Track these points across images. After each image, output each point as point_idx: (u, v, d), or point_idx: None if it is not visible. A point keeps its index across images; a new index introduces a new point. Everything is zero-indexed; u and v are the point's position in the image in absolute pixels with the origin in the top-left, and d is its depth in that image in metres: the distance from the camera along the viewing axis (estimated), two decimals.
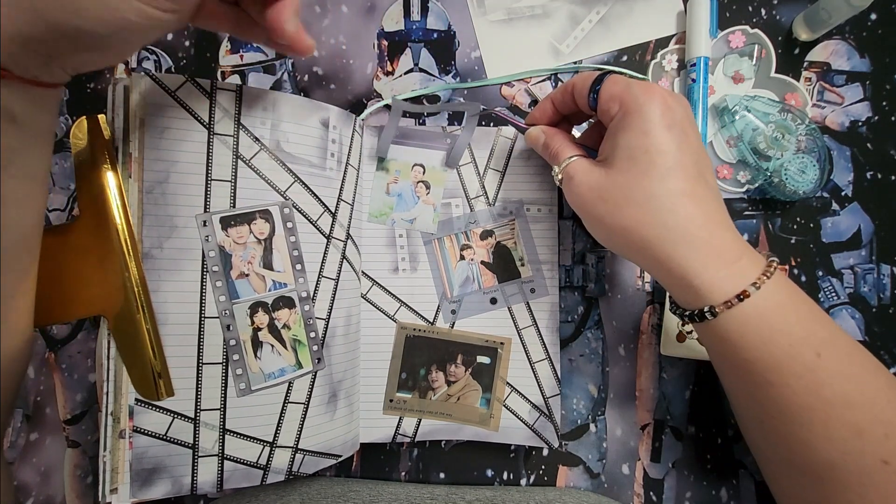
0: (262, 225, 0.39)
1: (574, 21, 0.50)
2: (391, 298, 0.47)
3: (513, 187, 0.47)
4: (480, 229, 0.47)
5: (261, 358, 0.39)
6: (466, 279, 0.47)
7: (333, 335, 0.42)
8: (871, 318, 0.49)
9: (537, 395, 0.46)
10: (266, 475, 0.38)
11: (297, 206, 0.40)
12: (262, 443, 0.38)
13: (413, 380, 0.46)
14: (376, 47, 0.51)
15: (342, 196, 0.43)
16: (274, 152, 0.40)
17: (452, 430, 0.46)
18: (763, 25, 0.50)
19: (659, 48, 0.50)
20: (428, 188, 0.47)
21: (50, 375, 0.49)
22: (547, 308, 0.47)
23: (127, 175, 0.37)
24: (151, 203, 0.37)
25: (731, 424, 0.48)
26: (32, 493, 0.48)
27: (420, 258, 0.47)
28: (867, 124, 0.49)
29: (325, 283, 0.42)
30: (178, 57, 0.51)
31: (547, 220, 0.47)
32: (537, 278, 0.47)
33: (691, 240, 0.33)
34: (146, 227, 0.37)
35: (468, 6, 0.51)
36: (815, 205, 0.49)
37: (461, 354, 0.46)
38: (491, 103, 0.50)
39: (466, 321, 0.47)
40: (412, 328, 0.46)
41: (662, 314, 0.47)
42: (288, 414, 0.39)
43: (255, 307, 0.39)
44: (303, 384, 0.40)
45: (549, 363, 0.46)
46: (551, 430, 0.46)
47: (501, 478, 0.48)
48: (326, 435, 0.41)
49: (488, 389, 0.46)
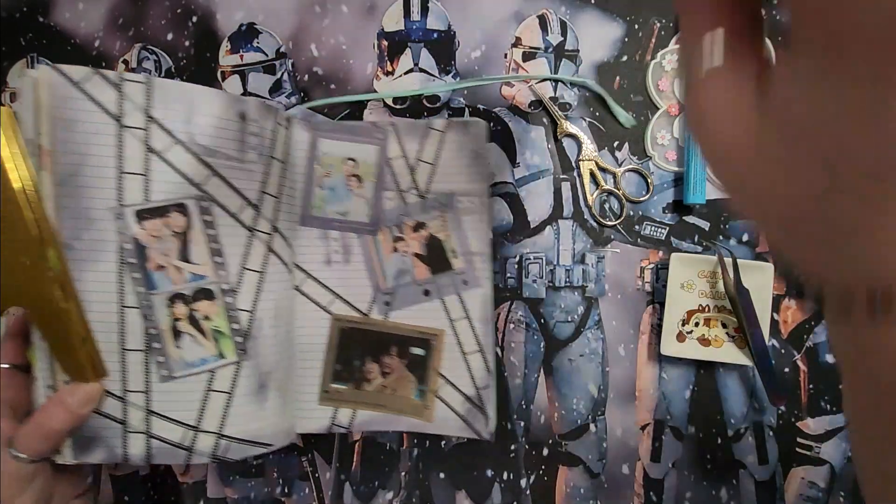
0: (178, 218, 0.39)
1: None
2: (325, 290, 0.47)
3: (444, 179, 0.47)
4: (413, 222, 0.47)
5: (181, 347, 0.40)
6: (400, 271, 0.47)
7: (260, 327, 0.42)
8: None
9: (470, 387, 0.46)
10: (191, 456, 0.40)
11: (216, 200, 0.40)
12: (186, 426, 0.39)
13: (348, 371, 0.46)
14: (376, 47, 0.51)
15: (266, 189, 0.42)
16: (188, 146, 0.39)
17: (388, 422, 0.46)
18: None
19: (659, 48, 0.50)
20: (360, 181, 0.47)
21: None
22: (479, 300, 0.46)
23: (39, 168, 0.36)
24: (66, 195, 0.37)
25: (731, 424, 0.48)
26: None
27: (353, 250, 0.47)
28: None
29: (249, 276, 0.41)
30: (178, 57, 0.51)
31: (478, 211, 0.47)
32: (469, 270, 0.47)
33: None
34: (63, 220, 0.37)
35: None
36: None
37: (396, 346, 0.46)
38: (491, 103, 0.50)
39: (400, 313, 0.46)
40: (346, 320, 0.46)
41: (662, 314, 0.47)
42: (211, 401, 0.40)
43: (174, 298, 0.39)
44: (226, 373, 0.40)
45: (480, 355, 0.46)
46: (483, 421, 0.45)
47: (501, 478, 0.48)
48: (255, 424, 0.41)
49: (423, 381, 0.46)
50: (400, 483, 0.49)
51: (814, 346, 0.49)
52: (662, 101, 0.50)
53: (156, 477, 0.49)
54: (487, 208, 0.47)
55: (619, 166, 0.50)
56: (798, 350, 0.49)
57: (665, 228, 0.49)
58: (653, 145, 0.50)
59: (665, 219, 0.49)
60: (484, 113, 0.50)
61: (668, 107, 0.50)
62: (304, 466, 0.49)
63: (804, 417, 0.48)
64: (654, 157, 0.50)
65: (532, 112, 0.50)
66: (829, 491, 0.48)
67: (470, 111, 0.50)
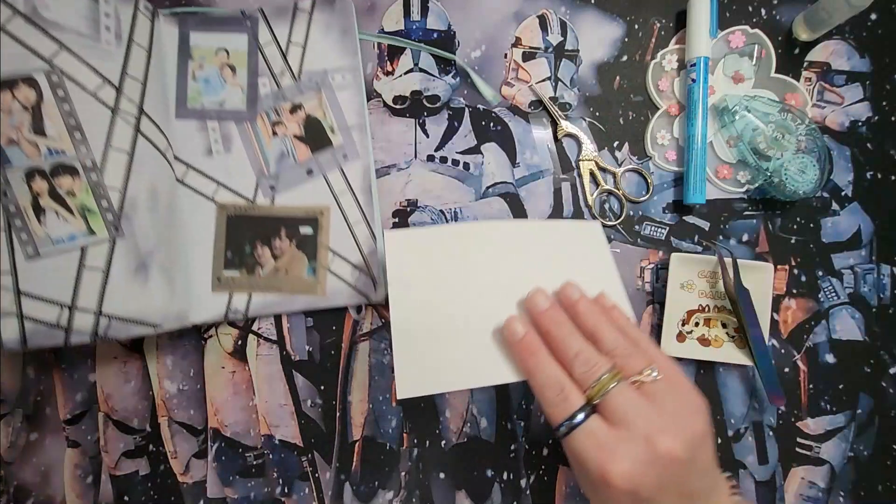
0: (27, 91, 0.40)
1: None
2: (208, 181, 0.48)
3: (315, 58, 0.48)
4: (289, 104, 0.48)
5: (45, 224, 0.40)
6: (281, 154, 0.48)
7: (134, 206, 0.42)
8: (871, 318, 0.49)
9: (357, 255, 0.48)
10: (69, 336, 0.40)
11: (68, 75, 0.40)
12: (60, 305, 0.40)
13: (239, 257, 0.47)
14: (376, 47, 0.51)
15: (128, 72, 0.43)
16: (31, 17, 0.40)
17: (284, 303, 0.47)
18: (763, 25, 0.50)
19: (659, 48, 0.50)
20: (234, 71, 0.48)
21: (50, 375, 0.49)
22: (360, 171, 0.48)
23: None
24: None
25: (730, 424, 0.48)
26: (32, 493, 0.48)
27: (233, 139, 0.48)
28: (867, 124, 0.49)
29: (115, 155, 0.42)
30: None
31: (351, 86, 0.48)
32: (348, 144, 0.48)
33: None
34: None
35: None
36: (815, 205, 0.49)
37: (284, 228, 0.48)
38: (490, 103, 0.50)
39: (286, 195, 0.48)
40: (233, 207, 0.48)
41: (662, 314, 0.47)
42: (85, 278, 0.40)
43: (32, 173, 0.40)
44: (99, 251, 0.41)
45: (365, 223, 0.48)
46: (370, 285, 0.47)
47: (501, 478, 0.48)
48: (137, 303, 0.42)
49: (313, 258, 0.47)
50: (400, 483, 0.49)
51: (814, 346, 0.49)
52: (662, 101, 0.50)
53: (156, 477, 0.49)
54: (360, 81, 0.48)
55: (619, 166, 0.50)
56: (798, 350, 0.49)
57: (665, 228, 0.49)
58: (653, 145, 0.50)
59: (665, 219, 0.49)
60: (484, 113, 0.50)
61: (668, 107, 0.50)
62: (304, 466, 0.49)
63: (804, 417, 0.48)
64: (654, 157, 0.50)
65: (532, 112, 0.50)
66: (829, 491, 0.48)
67: (470, 111, 0.50)
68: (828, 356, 0.49)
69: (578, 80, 0.50)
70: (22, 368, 0.49)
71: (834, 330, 0.49)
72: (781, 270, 0.49)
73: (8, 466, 0.48)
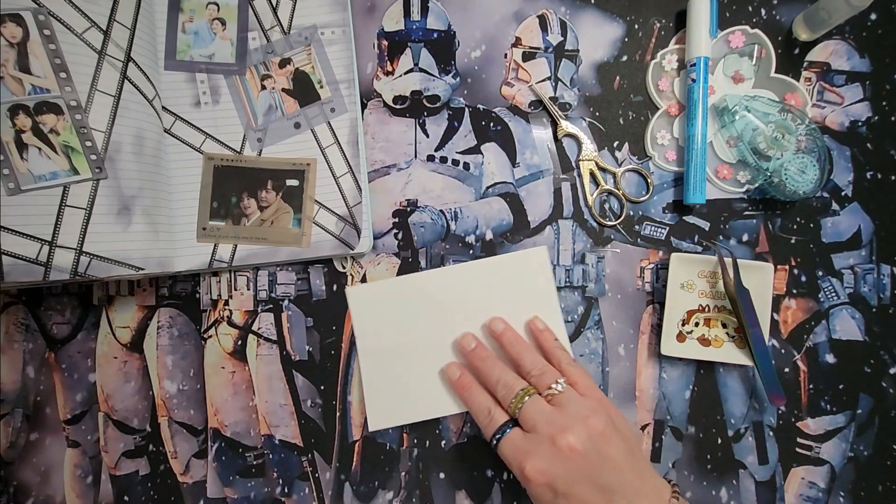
0: (14, 28, 0.40)
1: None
2: (195, 132, 0.48)
3: (305, 13, 0.49)
4: (278, 58, 0.49)
5: (28, 160, 0.40)
6: (269, 108, 0.49)
7: (118, 150, 0.43)
8: (871, 318, 0.49)
9: (342, 207, 0.48)
10: (48, 272, 0.40)
11: (55, 15, 0.41)
12: (40, 241, 0.40)
13: (225, 208, 0.48)
14: (376, 47, 0.51)
15: (116, 17, 0.43)
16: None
17: (268, 254, 0.48)
18: (763, 25, 0.50)
19: (659, 48, 0.50)
20: (224, 24, 0.49)
21: (50, 375, 0.49)
22: (347, 124, 0.49)
23: None
24: None
25: (731, 424, 0.48)
26: (32, 493, 0.48)
27: (222, 91, 0.49)
28: (867, 124, 0.49)
29: (101, 98, 0.42)
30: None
31: (341, 41, 0.49)
32: (336, 98, 0.49)
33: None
34: None
35: None
36: (815, 205, 0.49)
37: (270, 180, 0.48)
38: (491, 103, 0.50)
39: (273, 148, 0.49)
40: (220, 158, 0.48)
41: (662, 314, 0.47)
42: (66, 216, 0.41)
43: (16, 109, 0.40)
44: (81, 190, 0.41)
45: (351, 175, 0.48)
46: (354, 235, 0.48)
47: (501, 478, 0.48)
48: (119, 245, 0.42)
49: (299, 210, 0.48)
50: (400, 483, 0.49)
51: (814, 346, 0.49)
52: (662, 101, 0.50)
53: (156, 477, 0.49)
54: (349, 36, 0.49)
55: (619, 166, 0.50)
56: (798, 350, 0.49)
57: (665, 228, 0.49)
58: (653, 145, 0.50)
59: (665, 219, 0.49)
60: (484, 113, 0.50)
61: (668, 107, 0.50)
62: (304, 466, 0.49)
63: (804, 417, 0.49)
64: (654, 157, 0.50)
65: (532, 112, 0.50)
66: (829, 491, 0.48)
67: (470, 111, 0.50)
68: (828, 356, 0.49)
69: (578, 80, 0.50)
70: (22, 368, 0.49)
71: (834, 330, 0.49)
72: (781, 270, 0.49)
73: (8, 466, 0.48)
